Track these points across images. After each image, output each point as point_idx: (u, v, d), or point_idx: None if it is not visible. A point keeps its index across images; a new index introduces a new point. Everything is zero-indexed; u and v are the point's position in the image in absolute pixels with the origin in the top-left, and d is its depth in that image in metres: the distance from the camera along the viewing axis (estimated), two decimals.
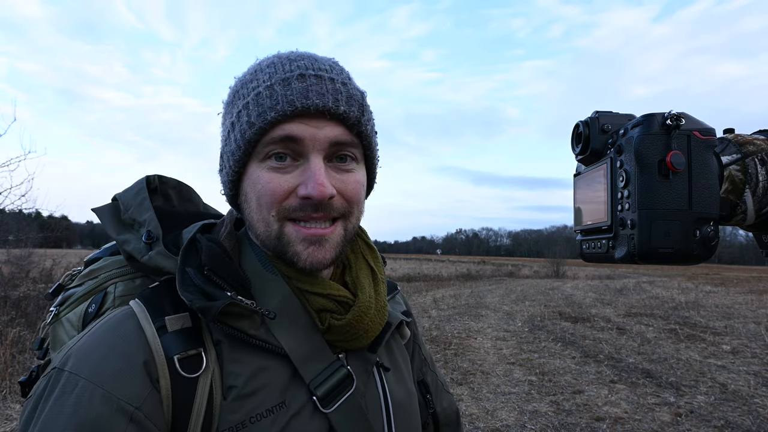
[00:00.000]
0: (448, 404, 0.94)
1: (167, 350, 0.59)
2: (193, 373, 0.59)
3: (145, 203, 0.75)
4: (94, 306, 0.72)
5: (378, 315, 0.70)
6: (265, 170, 0.64)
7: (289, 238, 0.65)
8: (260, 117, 0.62)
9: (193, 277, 0.63)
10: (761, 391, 5.21)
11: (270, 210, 0.64)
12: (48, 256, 13.77)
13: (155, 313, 0.62)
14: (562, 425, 4.33)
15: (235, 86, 0.69)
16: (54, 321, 0.75)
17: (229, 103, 0.69)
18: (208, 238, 0.68)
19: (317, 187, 0.62)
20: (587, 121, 0.62)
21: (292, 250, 0.65)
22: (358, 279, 0.73)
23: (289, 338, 0.65)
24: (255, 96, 0.63)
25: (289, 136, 0.62)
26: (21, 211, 8.66)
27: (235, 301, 0.61)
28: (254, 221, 0.67)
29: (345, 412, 0.65)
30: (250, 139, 0.63)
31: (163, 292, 0.65)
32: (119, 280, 0.74)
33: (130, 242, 0.72)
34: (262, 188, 0.64)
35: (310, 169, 0.63)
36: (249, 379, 0.61)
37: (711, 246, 0.53)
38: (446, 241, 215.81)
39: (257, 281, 0.68)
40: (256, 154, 0.65)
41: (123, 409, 0.54)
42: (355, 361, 0.71)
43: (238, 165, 0.66)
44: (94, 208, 0.79)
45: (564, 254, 32.49)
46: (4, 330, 5.64)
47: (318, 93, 0.62)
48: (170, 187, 0.85)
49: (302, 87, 0.62)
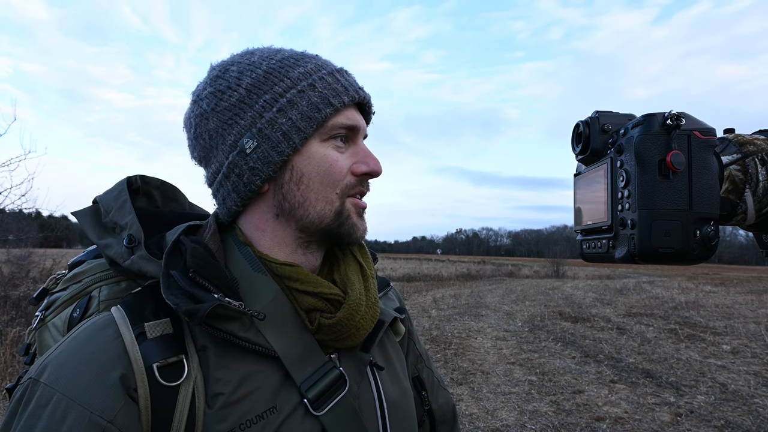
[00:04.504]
0: (444, 401, 0.92)
1: (146, 358, 0.58)
2: (173, 381, 0.58)
3: (126, 205, 0.73)
4: (78, 311, 0.70)
5: (369, 312, 0.69)
6: (331, 149, 0.68)
7: (349, 212, 0.69)
8: (337, 98, 0.67)
9: (178, 280, 0.61)
10: (761, 391, 5.20)
11: (335, 187, 0.68)
12: (48, 255, 13.76)
13: (135, 320, 0.61)
14: (562, 425, 4.33)
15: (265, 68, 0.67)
16: (40, 326, 0.74)
17: (262, 83, 0.66)
18: (192, 239, 0.67)
19: (377, 163, 0.70)
20: (587, 121, 0.62)
21: (350, 222, 0.69)
22: (347, 276, 0.72)
23: (279, 339, 0.64)
24: (320, 79, 0.67)
25: (354, 126, 0.69)
26: (21, 210, 8.66)
27: (223, 302, 0.59)
28: (309, 201, 0.67)
29: (338, 415, 0.64)
30: (325, 117, 0.66)
31: (145, 298, 0.64)
32: (104, 284, 0.72)
33: (111, 246, 0.70)
34: (330, 166, 0.67)
35: (364, 150, 0.71)
36: (238, 385, 0.60)
37: (711, 246, 0.53)
38: (446, 241, 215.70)
39: (245, 282, 0.66)
40: (319, 134, 0.67)
41: (95, 423, 0.54)
42: (347, 361, 0.70)
43: (302, 142, 0.66)
44: (74, 212, 0.77)
45: (564, 254, 32.50)
46: (4, 330, 5.65)
47: (360, 87, 0.71)
48: (153, 187, 0.83)
49: (353, 79, 0.71)
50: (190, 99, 0.72)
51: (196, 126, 0.70)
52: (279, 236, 0.70)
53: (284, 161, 0.66)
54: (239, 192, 0.68)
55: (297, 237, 0.70)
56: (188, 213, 0.84)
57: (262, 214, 0.70)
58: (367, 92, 0.72)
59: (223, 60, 0.72)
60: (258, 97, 0.66)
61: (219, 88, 0.68)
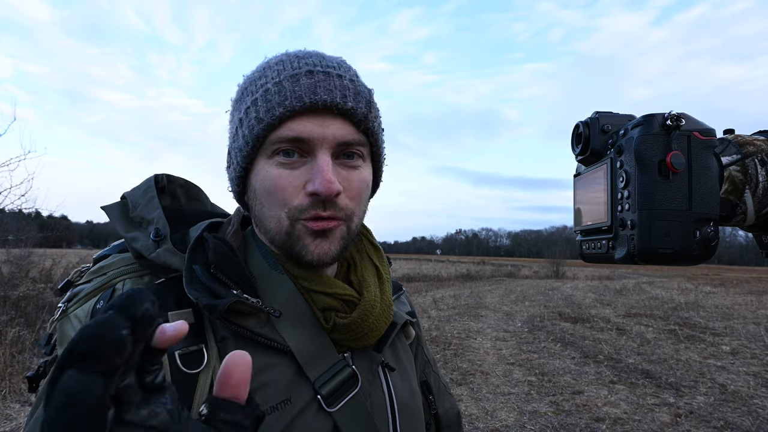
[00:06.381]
0: (450, 406, 0.94)
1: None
2: (193, 368, 0.60)
3: (154, 201, 0.75)
4: (102, 302, 0.71)
5: (383, 314, 0.70)
6: (274, 166, 0.65)
7: (299, 233, 0.65)
8: (269, 113, 0.63)
9: (199, 275, 0.63)
10: (761, 392, 5.21)
11: (282, 207, 0.65)
12: (48, 255, 13.75)
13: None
14: (562, 425, 4.32)
15: (243, 83, 0.70)
16: (62, 317, 0.75)
17: (238, 100, 0.70)
18: (214, 236, 0.69)
19: (325, 183, 0.62)
20: (587, 122, 0.62)
21: (301, 243, 0.65)
22: (363, 278, 0.73)
23: (294, 336, 0.65)
24: (263, 92, 0.64)
25: (298, 137, 0.63)
26: (21, 210, 8.65)
27: (241, 299, 0.61)
28: (264, 217, 0.67)
29: (350, 412, 0.65)
30: (258, 135, 0.64)
31: (168, 289, 0.66)
32: (127, 277, 0.73)
33: (138, 239, 0.72)
34: (272, 183, 0.64)
35: (318, 165, 0.63)
36: (254, 376, 0.61)
37: (711, 247, 0.53)
38: (446, 242, 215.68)
39: (263, 280, 0.68)
40: (264, 150, 0.65)
41: None
42: (360, 360, 0.71)
43: (245, 161, 0.67)
44: (103, 206, 0.79)
45: (564, 255, 32.44)
46: (4, 330, 5.64)
47: (326, 89, 0.63)
48: (178, 186, 0.85)
49: (310, 83, 0.63)
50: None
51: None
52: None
53: (242, 177, 0.69)
54: (236, 199, 0.73)
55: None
56: (210, 212, 0.85)
57: None
58: (339, 94, 0.63)
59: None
60: (235, 111, 0.70)
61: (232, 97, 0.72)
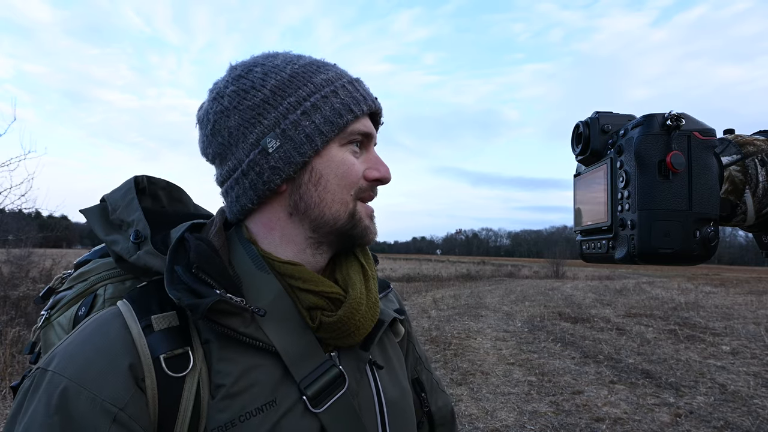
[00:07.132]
0: (443, 403, 0.93)
1: (153, 349, 0.59)
2: (179, 372, 0.59)
3: (133, 203, 0.75)
4: (84, 309, 0.72)
5: (370, 311, 0.70)
6: (349, 153, 0.70)
7: (360, 215, 0.72)
8: (357, 105, 0.70)
9: (181, 276, 0.63)
10: (761, 392, 5.21)
11: (350, 189, 0.70)
12: (48, 255, 13.76)
13: (142, 313, 0.62)
14: (562, 426, 4.33)
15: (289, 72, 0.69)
16: (45, 324, 0.75)
17: (286, 86, 0.68)
18: (196, 236, 0.68)
19: (388, 171, 0.73)
20: (587, 122, 0.62)
21: (363, 224, 0.72)
22: (348, 275, 0.73)
23: (279, 336, 0.64)
24: (342, 87, 0.70)
25: (368, 133, 0.72)
26: (21, 210, 8.65)
27: (224, 298, 0.60)
28: (326, 201, 0.69)
29: (336, 412, 0.65)
30: (345, 124, 0.68)
31: (151, 292, 0.65)
32: (109, 282, 0.73)
33: (118, 242, 0.71)
34: (347, 169, 0.70)
35: (376, 158, 0.74)
36: (238, 378, 0.61)
37: (711, 247, 0.53)
38: (446, 242, 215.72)
39: (248, 279, 0.68)
40: (339, 139, 0.69)
41: (106, 410, 0.54)
42: (347, 359, 0.70)
43: (324, 145, 0.68)
44: (82, 210, 0.78)
45: (564, 255, 32.41)
46: (4, 330, 5.65)
47: (376, 99, 0.75)
48: (159, 187, 0.84)
49: (366, 89, 0.74)
50: (208, 96, 0.73)
51: (215, 122, 0.70)
52: (288, 235, 0.71)
53: (305, 162, 0.68)
54: (257, 190, 0.69)
55: (308, 237, 0.71)
56: (192, 213, 0.85)
57: (274, 213, 0.71)
58: (380, 103, 0.75)
59: (245, 61, 0.73)
60: (282, 99, 0.68)
61: (242, 87, 0.69)
